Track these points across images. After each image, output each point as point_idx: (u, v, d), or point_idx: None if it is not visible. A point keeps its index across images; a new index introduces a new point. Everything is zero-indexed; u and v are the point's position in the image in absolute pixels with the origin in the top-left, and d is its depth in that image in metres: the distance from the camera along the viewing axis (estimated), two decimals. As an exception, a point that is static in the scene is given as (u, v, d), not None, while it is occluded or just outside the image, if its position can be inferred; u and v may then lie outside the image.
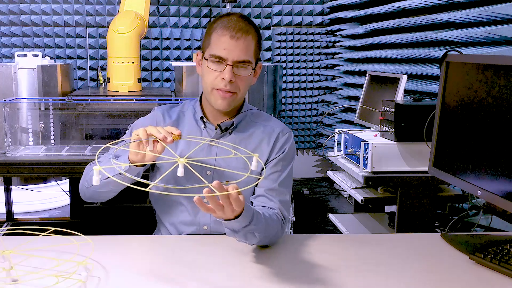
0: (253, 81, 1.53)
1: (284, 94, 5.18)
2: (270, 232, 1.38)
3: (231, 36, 1.42)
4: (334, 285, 1.20)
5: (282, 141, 1.56)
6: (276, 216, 1.45)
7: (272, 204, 1.48)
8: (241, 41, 1.42)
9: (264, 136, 1.55)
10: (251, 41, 1.45)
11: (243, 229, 1.27)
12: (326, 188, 5.05)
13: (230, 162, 1.51)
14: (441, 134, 1.67)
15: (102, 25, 4.71)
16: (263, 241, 1.39)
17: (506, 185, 1.36)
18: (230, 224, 1.25)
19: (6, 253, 1.20)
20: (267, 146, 1.54)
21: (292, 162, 1.58)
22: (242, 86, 1.47)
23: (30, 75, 3.36)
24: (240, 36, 1.42)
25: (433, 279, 1.25)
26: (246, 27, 1.44)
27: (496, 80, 1.42)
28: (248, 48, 1.44)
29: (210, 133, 1.55)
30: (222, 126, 1.53)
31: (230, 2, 3.90)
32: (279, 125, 1.59)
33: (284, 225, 1.47)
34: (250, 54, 1.46)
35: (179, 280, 1.21)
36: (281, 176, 1.53)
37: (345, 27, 4.71)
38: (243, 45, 1.43)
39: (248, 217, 1.25)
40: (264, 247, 1.41)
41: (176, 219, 1.55)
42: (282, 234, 1.47)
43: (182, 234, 1.56)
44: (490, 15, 2.50)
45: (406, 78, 2.42)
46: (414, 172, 2.25)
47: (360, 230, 2.50)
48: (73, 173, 2.69)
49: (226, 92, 1.45)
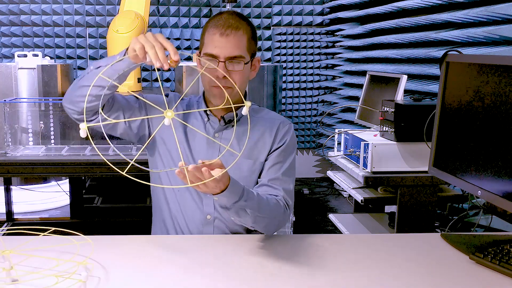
0: (251, 75, 1.57)
1: (284, 94, 5.18)
2: (267, 213, 1.40)
3: (220, 33, 1.46)
4: (334, 285, 1.20)
5: (283, 132, 1.60)
6: (277, 201, 1.48)
7: (276, 192, 1.52)
8: (231, 37, 1.46)
9: (266, 128, 1.59)
10: (242, 36, 1.48)
11: (233, 205, 1.31)
12: (326, 188, 5.05)
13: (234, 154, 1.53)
14: (441, 134, 1.67)
15: (102, 25, 4.71)
16: (261, 222, 1.40)
17: (506, 185, 1.36)
18: (220, 200, 1.29)
19: (6, 253, 1.20)
20: (269, 136, 1.59)
21: (293, 152, 1.62)
22: (237, 80, 1.48)
23: (30, 75, 3.36)
24: (230, 32, 1.46)
25: (433, 279, 1.25)
26: (236, 23, 1.48)
27: (496, 80, 1.42)
28: (239, 44, 1.47)
29: (213, 125, 1.59)
30: (226, 118, 1.57)
31: (230, 2, 3.90)
32: (279, 117, 1.64)
33: (288, 211, 1.50)
34: (242, 49, 1.48)
35: (179, 280, 1.21)
36: (284, 166, 1.57)
37: (345, 27, 4.71)
38: (233, 40, 1.46)
39: (236, 193, 1.29)
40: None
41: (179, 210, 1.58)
42: (286, 221, 1.50)
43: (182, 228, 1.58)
44: (490, 15, 2.50)
45: (406, 78, 2.42)
46: (414, 172, 2.25)
47: (360, 230, 2.50)
48: (73, 173, 2.69)
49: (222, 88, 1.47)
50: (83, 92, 1.42)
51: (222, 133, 1.58)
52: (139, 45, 1.28)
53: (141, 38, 1.29)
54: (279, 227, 1.49)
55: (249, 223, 1.40)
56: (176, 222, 1.59)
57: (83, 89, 1.42)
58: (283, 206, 1.49)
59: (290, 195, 1.55)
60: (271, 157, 1.57)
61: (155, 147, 1.60)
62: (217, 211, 1.58)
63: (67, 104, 1.48)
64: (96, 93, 1.40)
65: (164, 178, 1.59)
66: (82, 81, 1.43)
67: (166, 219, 1.61)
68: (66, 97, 1.48)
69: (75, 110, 1.46)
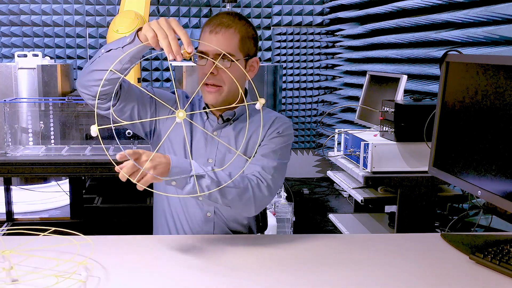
0: (249, 75, 1.54)
1: (284, 94, 5.18)
2: (234, 183, 1.37)
3: (210, 31, 1.47)
4: (334, 285, 1.20)
5: (278, 124, 1.58)
6: (247, 175, 1.45)
7: (254, 168, 1.48)
8: (220, 35, 1.46)
9: (264, 123, 1.57)
10: (233, 34, 1.48)
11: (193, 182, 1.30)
12: (326, 188, 5.05)
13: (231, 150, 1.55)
14: (441, 134, 1.67)
15: (102, 25, 4.71)
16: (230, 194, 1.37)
17: (506, 185, 1.36)
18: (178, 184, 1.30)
19: (6, 253, 1.20)
20: (263, 129, 1.57)
21: (287, 140, 1.57)
22: (227, 79, 1.48)
23: (30, 75, 3.36)
24: (219, 30, 1.46)
25: (433, 279, 1.25)
26: (229, 21, 1.48)
27: (496, 80, 1.42)
28: (229, 42, 1.47)
29: (212, 123, 1.59)
30: (224, 116, 1.57)
31: (230, 2, 3.90)
32: (278, 115, 1.63)
33: (264, 184, 1.45)
34: (232, 47, 1.48)
35: (179, 280, 1.21)
36: (272, 149, 1.53)
37: (345, 27, 4.71)
38: (222, 38, 1.46)
39: (184, 167, 1.30)
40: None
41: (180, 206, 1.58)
42: (267, 196, 1.46)
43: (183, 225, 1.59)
44: (490, 15, 2.50)
45: (406, 78, 2.42)
46: (414, 172, 2.25)
47: (360, 230, 2.50)
48: (73, 173, 2.69)
49: (211, 86, 1.48)
50: (94, 76, 1.40)
51: (221, 131, 1.58)
52: (152, 34, 1.25)
53: (154, 25, 1.26)
54: (260, 203, 1.43)
55: (219, 199, 1.36)
56: (177, 220, 1.60)
57: (95, 73, 1.40)
58: (256, 179, 1.45)
59: (269, 171, 1.48)
60: (263, 143, 1.55)
61: (160, 143, 1.61)
62: (217, 209, 1.59)
63: (80, 88, 1.46)
64: (109, 77, 1.38)
65: None
66: (93, 65, 1.41)
67: (167, 216, 1.62)
68: (78, 82, 1.47)
69: (89, 94, 1.44)
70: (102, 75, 1.36)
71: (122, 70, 1.38)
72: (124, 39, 1.35)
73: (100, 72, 1.38)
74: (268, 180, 1.47)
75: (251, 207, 1.43)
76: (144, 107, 1.55)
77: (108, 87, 1.41)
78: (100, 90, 1.40)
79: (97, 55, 1.42)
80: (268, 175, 1.48)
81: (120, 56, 1.33)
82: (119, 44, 1.36)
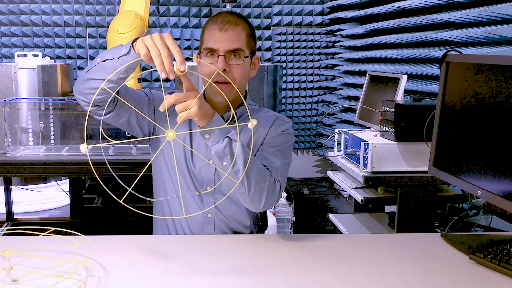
0: (251, 73, 1.57)
1: (284, 94, 5.18)
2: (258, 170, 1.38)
3: (219, 28, 1.48)
4: (334, 285, 1.20)
5: (278, 125, 1.59)
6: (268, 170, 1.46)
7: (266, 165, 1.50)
8: (230, 32, 1.47)
9: (260, 124, 1.58)
10: (241, 31, 1.50)
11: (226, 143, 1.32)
12: (326, 188, 5.05)
13: None
14: (441, 134, 1.67)
15: (102, 25, 4.71)
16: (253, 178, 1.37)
17: (506, 185, 1.36)
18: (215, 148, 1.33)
19: (6, 253, 1.19)
20: (263, 132, 1.58)
21: (290, 139, 1.59)
22: (237, 76, 1.48)
23: (30, 75, 3.36)
24: (229, 27, 1.47)
25: (433, 279, 1.25)
26: (235, 20, 1.50)
27: (496, 80, 1.42)
28: (239, 38, 1.49)
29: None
30: (225, 117, 1.56)
31: (230, 2, 3.90)
32: (277, 115, 1.64)
33: (278, 184, 1.46)
34: (242, 43, 1.49)
35: (179, 280, 1.21)
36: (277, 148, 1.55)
37: (345, 27, 4.71)
38: (233, 34, 1.48)
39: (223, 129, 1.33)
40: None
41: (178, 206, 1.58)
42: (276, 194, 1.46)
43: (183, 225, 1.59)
44: (490, 15, 2.50)
45: (406, 78, 2.42)
46: (414, 172, 2.25)
47: (360, 230, 2.50)
48: (73, 173, 2.69)
49: (222, 84, 1.47)
50: (91, 85, 1.40)
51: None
52: (145, 50, 1.25)
53: (148, 41, 1.25)
54: (270, 198, 1.42)
55: (241, 172, 1.34)
56: (177, 221, 1.60)
57: (91, 82, 1.40)
58: (274, 176, 1.46)
59: (277, 171, 1.50)
60: (264, 143, 1.56)
61: (159, 145, 1.60)
62: (217, 210, 1.58)
63: (77, 95, 1.47)
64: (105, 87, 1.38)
65: (166, 178, 1.60)
66: (89, 74, 1.41)
67: (167, 219, 1.61)
68: (75, 88, 1.47)
69: (86, 101, 1.45)
70: (98, 84, 1.36)
71: (119, 80, 1.38)
72: (120, 48, 1.34)
73: (96, 81, 1.38)
74: (281, 181, 1.49)
75: (261, 198, 1.41)
76: (142, 111, 1.54)
77: (105, 95, 1.41)
78: (96, 98, 1.40)
79: (93, 64, 1.42)
80: (279, 176, 1.49)
81: (115, 67, 1.33)
82: (114, 55, 1.35)
